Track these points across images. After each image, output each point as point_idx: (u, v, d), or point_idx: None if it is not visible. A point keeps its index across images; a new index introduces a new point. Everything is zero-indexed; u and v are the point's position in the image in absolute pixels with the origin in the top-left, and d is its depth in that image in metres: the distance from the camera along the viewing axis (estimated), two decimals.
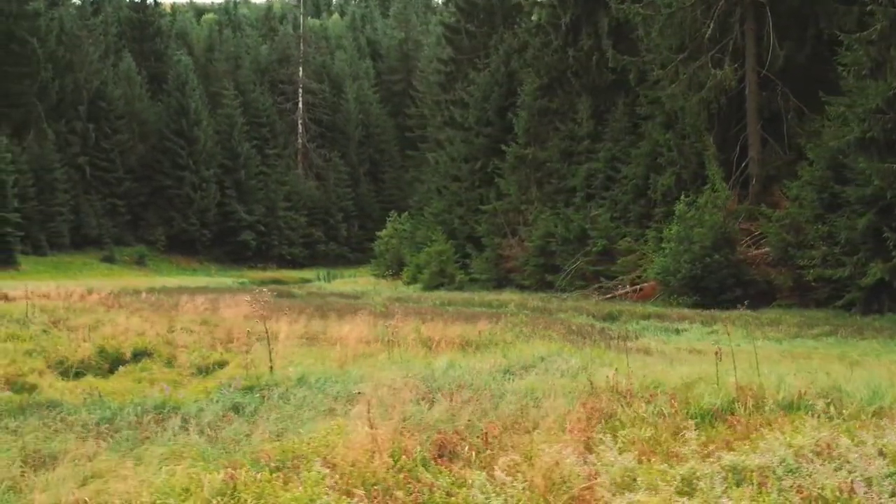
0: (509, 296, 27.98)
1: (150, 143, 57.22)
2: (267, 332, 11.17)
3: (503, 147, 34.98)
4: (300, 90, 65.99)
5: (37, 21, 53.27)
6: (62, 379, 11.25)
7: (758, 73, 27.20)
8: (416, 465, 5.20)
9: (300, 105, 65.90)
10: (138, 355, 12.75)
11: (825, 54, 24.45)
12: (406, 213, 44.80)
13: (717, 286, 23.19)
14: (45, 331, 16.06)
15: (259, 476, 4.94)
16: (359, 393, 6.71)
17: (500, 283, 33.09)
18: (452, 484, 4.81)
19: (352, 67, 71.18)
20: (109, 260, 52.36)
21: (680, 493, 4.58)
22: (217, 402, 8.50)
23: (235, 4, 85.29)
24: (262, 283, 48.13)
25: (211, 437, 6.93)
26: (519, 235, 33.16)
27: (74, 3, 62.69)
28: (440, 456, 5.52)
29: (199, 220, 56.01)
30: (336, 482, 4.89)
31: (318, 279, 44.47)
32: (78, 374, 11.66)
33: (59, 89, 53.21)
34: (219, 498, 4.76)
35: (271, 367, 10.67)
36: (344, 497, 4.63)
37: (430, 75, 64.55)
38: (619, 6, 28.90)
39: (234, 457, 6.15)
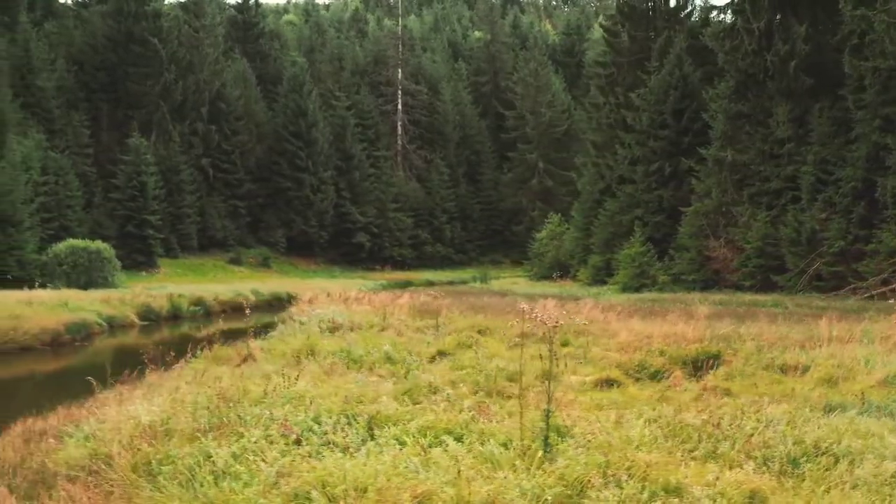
0: (752, 296, 28.47)
1: (265, 144, 57.02)
2: None
3: (699, 150, 35.46)
4: (399, 91, 66.07)
5: (158, 21, 52.92)
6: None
7: None
8: None
9: (399, 106, 65.98)
10: (708, 360, 13.05)
11: None
12: (559, 215, 45.15)
13: None
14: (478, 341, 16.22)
15: None
16: None
17: (707, 284, 33.55)
18: None
19: (444, 68, 71.43)
20: (236, 262, 52.18)
21: None
22: None
23: (315, 6, 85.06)
24: (397, 284, 48.37)
25: None
26: (725, 236, 33.67)
27: (170, 2, 62.11)
28: None
29: (318, 222, 55.95)
30: None
31: (475, 281, 44.69)
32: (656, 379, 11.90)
33: (181, 90, 52.86)
34: None
35: None
36: None
37: (554, 78, 64.79)
38: (853, 13, 29.55)
39: None
